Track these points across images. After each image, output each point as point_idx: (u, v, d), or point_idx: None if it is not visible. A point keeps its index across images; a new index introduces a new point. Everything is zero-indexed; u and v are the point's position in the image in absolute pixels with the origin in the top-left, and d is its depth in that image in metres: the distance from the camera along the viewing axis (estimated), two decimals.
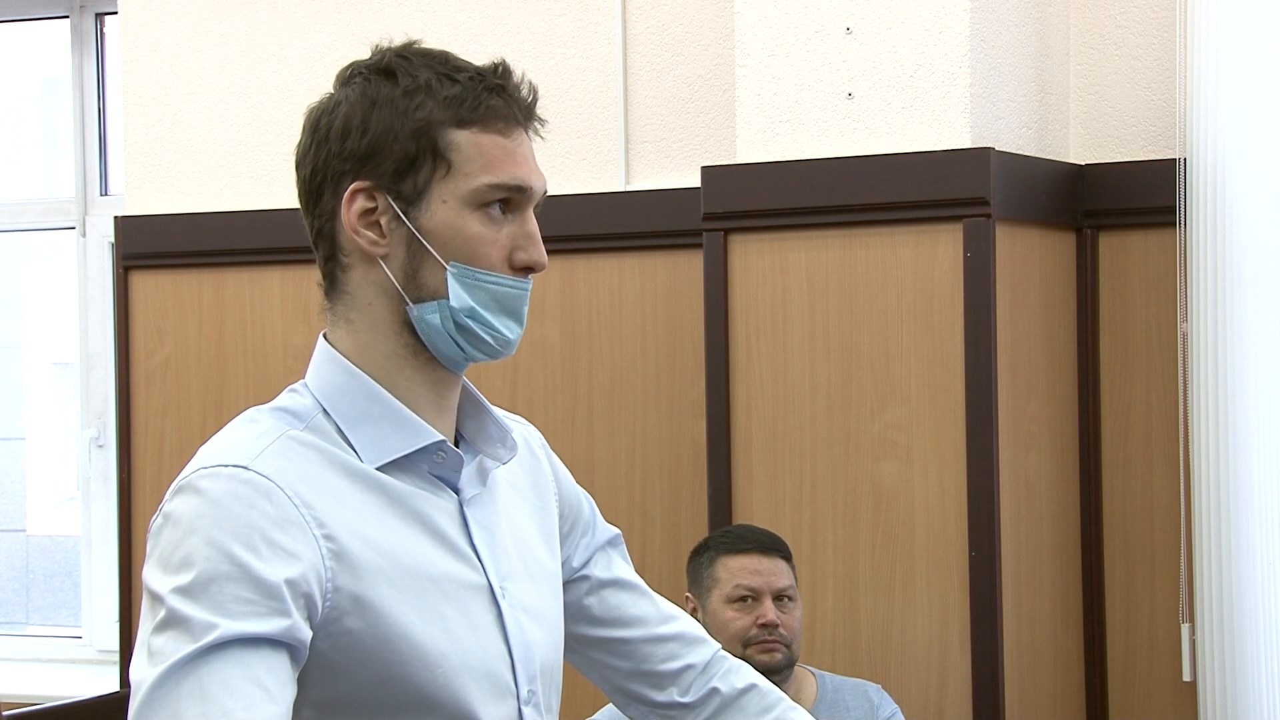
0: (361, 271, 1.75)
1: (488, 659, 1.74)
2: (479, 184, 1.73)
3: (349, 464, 1.71)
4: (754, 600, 3.30)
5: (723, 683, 2.00)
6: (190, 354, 4.35)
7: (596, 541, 2.02)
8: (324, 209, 1.76)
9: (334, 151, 1.74)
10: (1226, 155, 3.62)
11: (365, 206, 1.73)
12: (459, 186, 1.73)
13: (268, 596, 1.59)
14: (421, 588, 1.70)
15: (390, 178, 1.73)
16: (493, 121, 1.74)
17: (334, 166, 1.74)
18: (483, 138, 1.74)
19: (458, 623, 1.72)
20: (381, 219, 1.73)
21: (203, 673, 1.54)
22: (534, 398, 3.98)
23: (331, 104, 1.77)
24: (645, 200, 3.96)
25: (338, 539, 1.66)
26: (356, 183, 1.73)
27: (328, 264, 1.78)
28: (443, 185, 1.73)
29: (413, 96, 1.73)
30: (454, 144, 1.73)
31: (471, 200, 1.73)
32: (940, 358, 3.50)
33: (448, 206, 1.73)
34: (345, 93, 1.76)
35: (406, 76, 1.74)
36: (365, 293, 1.76)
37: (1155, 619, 3.78)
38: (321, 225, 1.77)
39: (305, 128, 1.78)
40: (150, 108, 4.44)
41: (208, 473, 1.65)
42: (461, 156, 1.73)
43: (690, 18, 3.98)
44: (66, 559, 9.09)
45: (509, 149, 1.75)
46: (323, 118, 1.76)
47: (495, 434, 1.83)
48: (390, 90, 1.74)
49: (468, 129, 1.73)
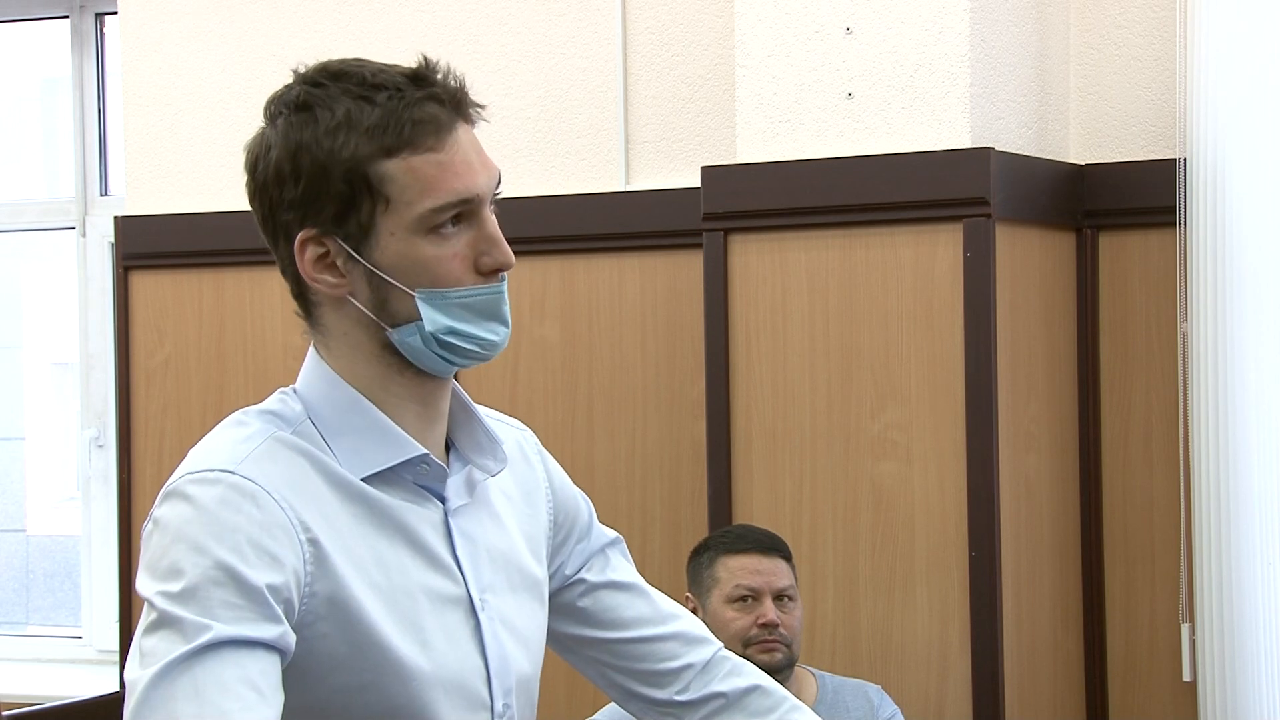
0: (331, 307, 1.73)
1: (463, 672, 1.73)
2: (421, 210, 1.68)
3: (333, 471, 1.70)
4: (754, 600, 3.30)
5: (725, 683, 1.98)
6: (190, 354, 4.35)
7: (593, 546, 2.01)
8: (282, 253, 1.73)
9: (275, 200, 1.71)
10: (1226, 155, 3.62)
11: (317, 253, 1.70)
12: (403, 217, 1.68)
13: (256, 602, 1.58)
14: (398, 599, 1.69)
15: (333, 222, 1.69)
16: (421, 140, 1.68)
17: (280, 216, 1.71)
18: (415, 160, 1.68)
19: (434, 635, 1.71)
20: (337, 260, 1.70)
21: (197, 672, 1.54)
22: (534, 398, 3.98)
23: (264, 147, 1.72)
24: (645, 200, 3.96)
25: (320, 543, 1.65)
26: (302, 232, 1.70)
27: (299, 300, 1.76)
28: (386, 219, 1.68)
29: (335, 135, 1.67)
30: (386, 176, 1.67)
31: (418, 227, 1.68)
32: (940, 358, 3.50)
33: (396, 238, 1.69)
34: (272, 134, 1.72)
35: (325, 110, 1.68)
36: (339, 324, 1.74)
37: (1155, 619, 3.78)
38: (284, 266, 1.74)
39: (246, 168, 1.75)
40: (150, 108, 4.44)
41: (195, 478, 1.64)
42: (397, 187, 1.67)
43: (690, 18, 3.98)
44: (66, 559, 9.08)
45: (444, 163, 1.69)
46: (258, 163, 1.73)
47: (485, 445, 1.81)
48: (313, 130, 1.68)
49: (397, 156, 1.67)
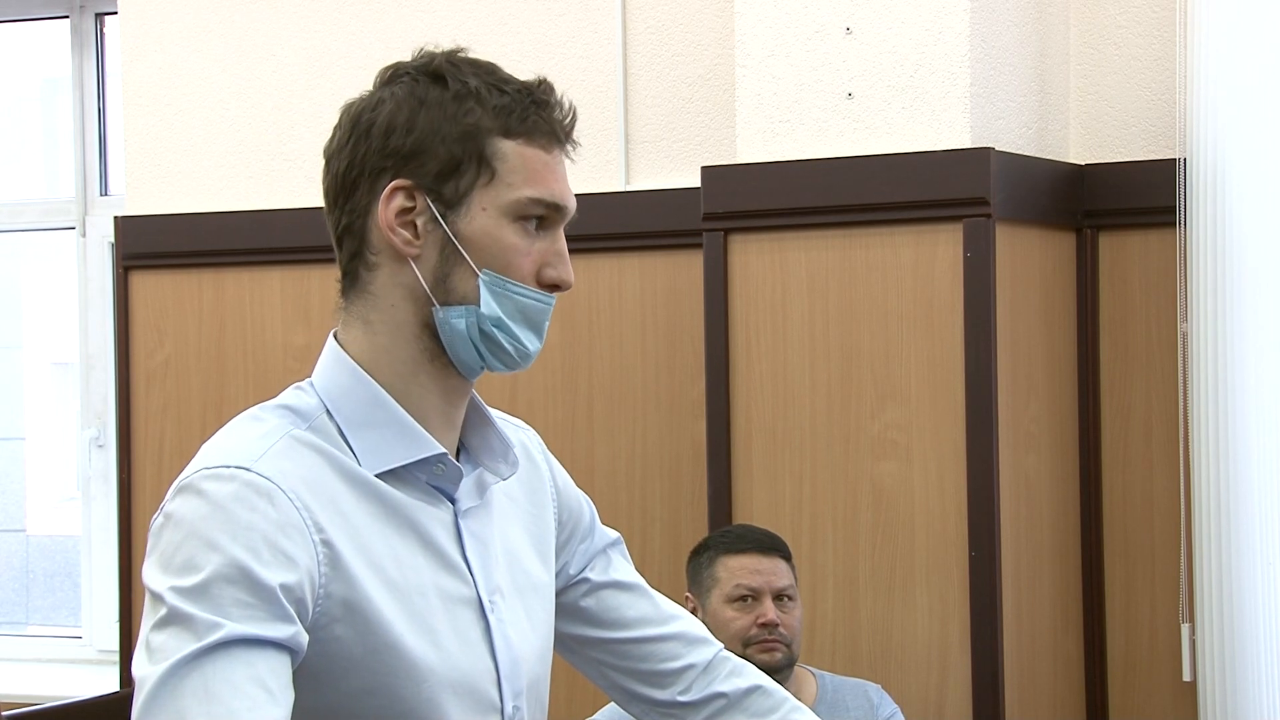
0: (389, 271, 1.74)
1: (474, 673, 1.73)
2: (521, 196, 1.73)
3: (349, 468, 1.70)
4: (754, 600, 3.30)
5: (726, 684, 1.99)
6: (190, 354, 4.35)
7: (595, 546, 2.02)
8: (356, 205, 1.74)
9: (375, 148, 1.73)
10: (1226, 155, 3.62)
11: (403, 205, 1.72)
12: (501, 196, 1.73)
13: (268, 601, 1.57)
14: (411, 599, 1.69)
15: (432, 179, 1.72)
16: (538, 136, 1.75)
17: (373, 162, 1.73)
18: (528, 150, 1.75)
19: (446, 636, 1.71)
20: (418, 220, 1.72)
21: (207, 671, 1.53)
22: (534, 398, 3.98)
23: (374, 101, 1.75)
24: (645, 200, 3.96)
25: (334, 544, 1.65)
26: (397, 180, 1.72)
27: (352, 261, 1.76)
28: (484, 193, 1.72)
29: (462, 101, 1.72)
30: (500, 153, 1.73)
31: (511, 211, 1.73)
32: (940, 358, 3.50)
33: (487, 214, 1.72)
34: (390, 91, 1.74)
35: (456, 81, 1.73)
36: (390, 293, 1.74)
37: (1155, 619, 3.78)
38: (351, 221, 1.75)
39: (343, 123, 1.76)
40: (150, 108, 4.44)
41: (210, 474, 1.63)
42: (507, 166, 1.73)
43: (690, 18, 3.98)
44: (66, 559, 9.08)
45: (551, 165, 1.77)
46: (364, 113, 1.74)
47: (498, 449, 1.82)
48: (439, 93, 1.73)
49: (514, 140, 1.74)
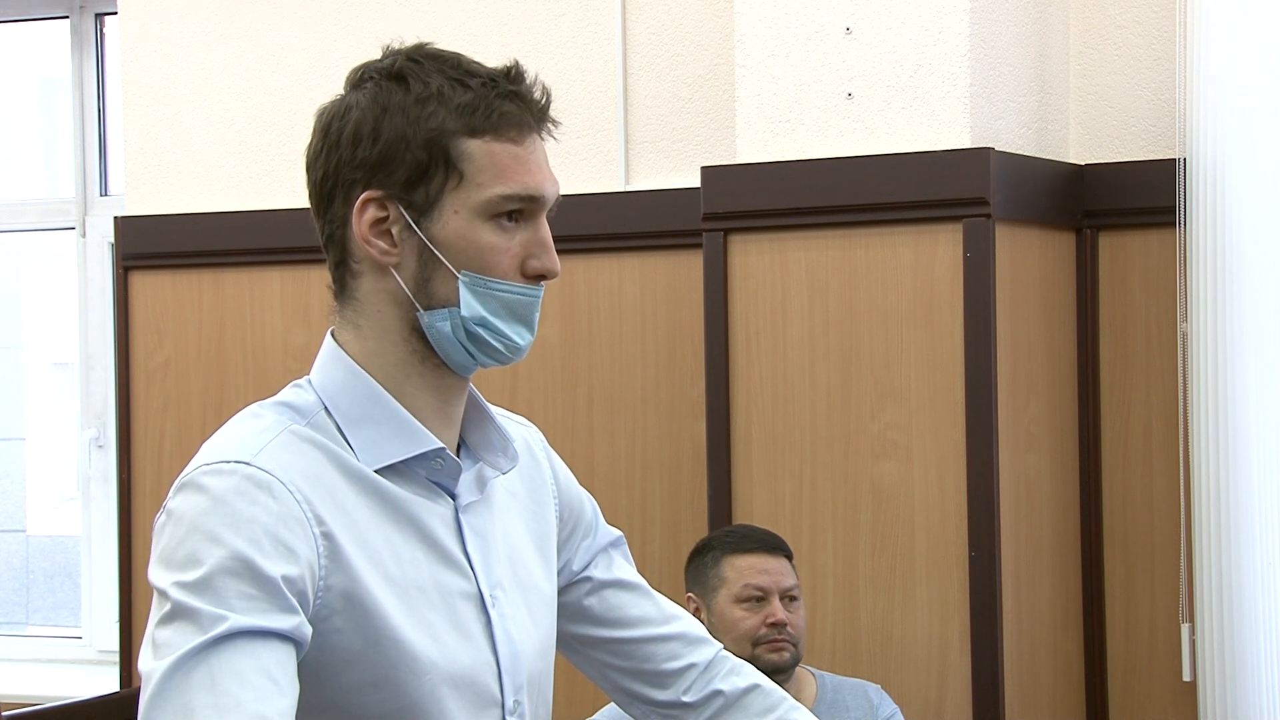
0: (372, 279, 1.74)
1: (475, 667, 1.73)
2: (492, 194, 1.71)
3: (348, 463, 1.71)
4: (763, 600, 3.29)
5: (725, 683, 1.99)
6: (190, 354, 4.35)
7: (598, 544, 2.02)
8: (335, 215, 1.74)
9: (345, 159, 1.72)
10: (1226, 155, 3.62)
11: (376, 216, 1.72)
12: (471, 197, 1.71)
13: (271, 593, 1.58)
14: (411, 594, 1.70)
15: (401, 187, 1.71)
16: (505, 129, 1.72)
17: (345, 174, 1.73)
18: (495, 146, 1.72)
19: (445, 630, 1.71)
20: (393, 228, 1.72)
21: (213, 663, 1.53)
22: (534, 398, 3.98)
23: (343, 108, 1.74)
24: (645, 200, 3.96)
25: (334, 537, 1.65)
26: (368, 192, 1.72)
27: (338, 269, 1.77)
28: (455, 195, 1.71)
29: (425, 104, 1.71)
30: (466, 153, 1.71)
31: (484, 210, 1.72)
32: (940, 358, 3.50)
33: (459, 216, 1.71)
34: (356, 97, 1.74)
35: (418, 82, 1.72)
36: (375, 300, 1.74)
37: (1155, 619, 3.78)
38: (332, 231, 1.75)
39: (316, 130, 1.76)
40: (150, 108, 4.44)
41: (210, 469, 1.64)
42: (474, 166, 1.71)
43: (690, 18, 3.98)
44: (66, 559, 9.07)
45: (521, 157, 1.73)
46: (334, 122, 1.74)
47: (498, 443, 1.82)
48: (402, 97, 1.71)
49: (480, 138, 1.71)
